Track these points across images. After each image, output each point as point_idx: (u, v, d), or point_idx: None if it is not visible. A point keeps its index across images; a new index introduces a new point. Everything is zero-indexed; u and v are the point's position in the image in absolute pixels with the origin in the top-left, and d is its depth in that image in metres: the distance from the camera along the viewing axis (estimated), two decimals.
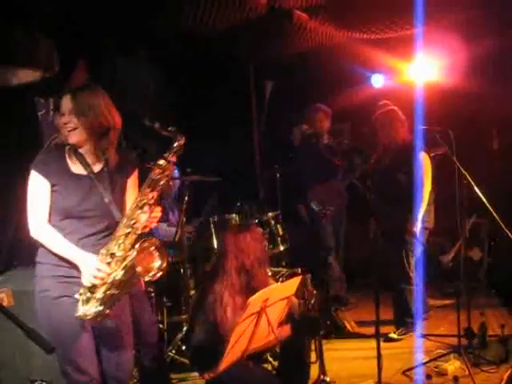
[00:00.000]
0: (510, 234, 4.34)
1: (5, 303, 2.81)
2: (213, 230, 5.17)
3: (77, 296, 2.84)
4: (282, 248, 5.35)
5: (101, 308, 2.83)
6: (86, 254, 2.86)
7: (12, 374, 3.00)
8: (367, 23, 5.81)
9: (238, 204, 5.76)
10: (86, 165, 2.93)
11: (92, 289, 2.84)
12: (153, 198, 2.88)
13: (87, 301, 2.84)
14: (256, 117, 7.27)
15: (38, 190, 2.90)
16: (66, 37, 4.94)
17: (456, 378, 4.04)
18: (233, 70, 6.71)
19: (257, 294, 3.14)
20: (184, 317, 4.79)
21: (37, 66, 4.54)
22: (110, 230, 2.92)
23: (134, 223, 2.86)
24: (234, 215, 5.31)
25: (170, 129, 3.02)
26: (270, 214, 5.39)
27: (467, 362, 4.30)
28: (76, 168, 2.94)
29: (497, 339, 4.65)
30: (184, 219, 4.96)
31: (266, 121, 7.20)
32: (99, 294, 2.84)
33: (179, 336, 4.72)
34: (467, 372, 4.21)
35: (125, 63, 6.03)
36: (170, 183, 5.50)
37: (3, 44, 4.30)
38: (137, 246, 2.80)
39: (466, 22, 5.87)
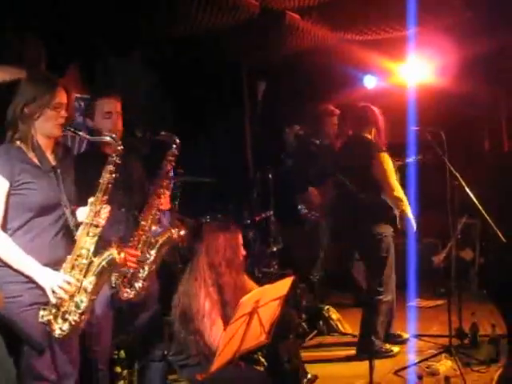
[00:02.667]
0: (500, 235, 4.37)
1: None
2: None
3: (43, 319, 2.78)
4: (274, 249, 5.36)
5: (76, 318, 2.81)
6: (46, 268, 2.81)
7: (3, 375, 3.01)
8: (359, 24, 5.83)
9: (230, 205, 5.77)
10: (46, 159, 2.91)
11: (58, 303, 2.80)
12: (105, 200, 2.95)
13: (55, 318, 2.80)
14: (248, 117, 7.27)
15: None
16: (58, 39, 4.93)
17: (447, 378, 4.06)
18: (225, 70, 6.71)
19: (248, 295, 3.14)
20: None
21: (24, 63, 4.51)
22: (65, 228, 2.94)
23: (95, 228, 2.89)
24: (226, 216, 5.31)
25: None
26: (263, 215, 5.40)
27: (458, 362, 4.32)
28: (38, 162, 2.89)
29: (488, 339, 4.67)
30: (176, 220, 4.96)
31: (258, 121, 7.21)
32: (75, 304, 2.81)
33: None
34: (458, 372, 4.23)
35: (117, 65, 6.02)
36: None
37: None
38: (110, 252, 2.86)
39: (458, 23, 5.90)
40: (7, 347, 2.99)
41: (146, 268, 3.46)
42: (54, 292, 2.79)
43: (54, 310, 2.81)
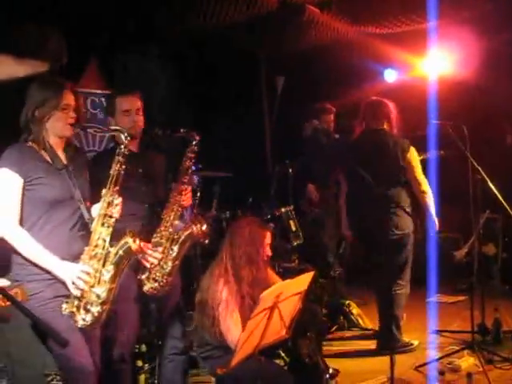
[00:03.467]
0: None
1: (19, 298, 2.81)
2: (225, 227, 5.17)
3: (66, 312, 2.85)
4: (294, 243, 5.34)
5: (98, 309, 2.86)
6: (64, 262, 2.87)
7: (28, 371, 3.05)
8: (380, 17, 5.79)
9: (250, 200, 5.75)
10: (58, 158, 3.01)
11: (79, 295, 2.86)
12: (116, 191, 3.00)
13: (78, 309, 2.86)
14: (267, 112, 7.25)
15: (11, 188, 2.88)
16: (77, 34, 4.95)
17: (469, 375, 4.02)
18: (244, 64, 6.70)
19: (269, 289, 3.13)
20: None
21: (46, 56, 4.55)
22: (80, 222, 3.00)
23: (109, 219, 2.95)
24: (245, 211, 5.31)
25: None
26: (282, 210, 5.38)
27: (481, 359, 4.27)
28: (50, 160, 2.98)
29: (511, 335, 4.62)
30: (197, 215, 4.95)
31: (277, 116, 7.19)
32: (95, 295, 2.86)
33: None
34: (481, 368, 4.18)
35: (134, 61, 6.03)
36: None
37: (11, 34, 4.32)
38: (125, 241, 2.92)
39: (480, 16, 5.83)
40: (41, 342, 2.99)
41: (170, 263, 3.52)
42: (73, 284, 2.85)
43: (76, 302, 2.87)
